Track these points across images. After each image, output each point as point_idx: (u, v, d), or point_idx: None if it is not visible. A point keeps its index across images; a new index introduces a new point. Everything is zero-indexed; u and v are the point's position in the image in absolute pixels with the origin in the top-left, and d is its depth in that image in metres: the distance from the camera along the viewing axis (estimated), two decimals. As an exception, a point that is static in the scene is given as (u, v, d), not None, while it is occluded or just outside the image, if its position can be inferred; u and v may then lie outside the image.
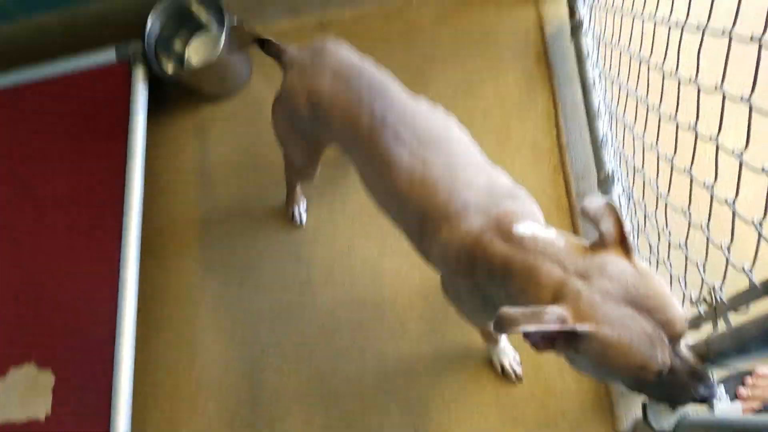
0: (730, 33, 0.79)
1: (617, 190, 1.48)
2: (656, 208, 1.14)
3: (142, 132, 1.82)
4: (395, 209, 1.14)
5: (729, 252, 0.82)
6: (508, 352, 1.48)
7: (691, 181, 0.94)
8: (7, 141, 1.89)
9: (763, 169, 0.70)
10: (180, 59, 2.02)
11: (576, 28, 1.76)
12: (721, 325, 0.88)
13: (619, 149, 1.42)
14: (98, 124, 1.85)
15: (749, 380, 1.35)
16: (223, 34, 1.80)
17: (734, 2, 0.80)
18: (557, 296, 0.78)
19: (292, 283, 1.75)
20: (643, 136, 1.20)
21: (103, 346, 1.54)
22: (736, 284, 0.88)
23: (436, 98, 1.92)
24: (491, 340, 1.43)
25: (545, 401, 1.46)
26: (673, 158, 1.04)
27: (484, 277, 0.94)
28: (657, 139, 1.12)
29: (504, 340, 1.47)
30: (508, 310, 0.74)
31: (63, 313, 1.63)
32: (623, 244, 0.80)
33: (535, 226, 0.92)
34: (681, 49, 0.98)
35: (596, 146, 1.59)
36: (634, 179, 1.33)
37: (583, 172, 1.67)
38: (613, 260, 0.79)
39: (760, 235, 0.70)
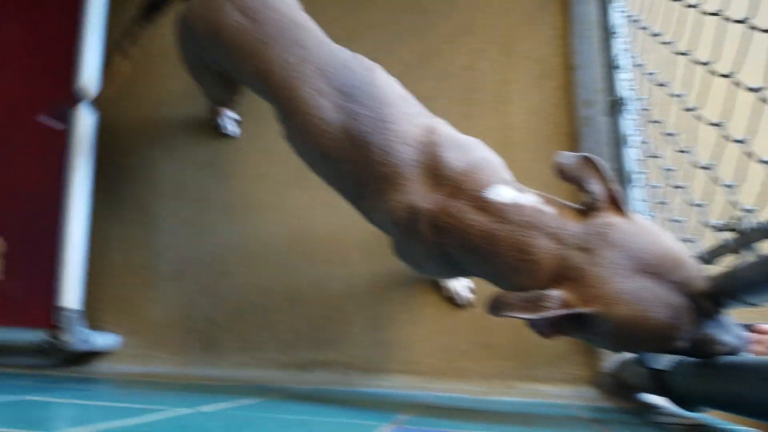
0: None
1: (627, 116, 1.39)
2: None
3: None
4: (324, 169, 0.99)
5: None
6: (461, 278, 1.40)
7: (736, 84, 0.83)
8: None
9: None
10: None
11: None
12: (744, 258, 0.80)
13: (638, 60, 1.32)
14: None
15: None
16: None
17: None
18: (557, 275, 0.70)
19: (265, 180, 1.61)
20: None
21: (53, 214, 1.43)
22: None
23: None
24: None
25: (522, 331, 1.39)
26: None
27: (458, 250, 0.83)
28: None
29: None
30: (505, 297, 0.68)
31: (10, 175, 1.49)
32: (614, 202, 0.73)
33: (510, 191, 0.81)
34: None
35: (609, 68, 1.48)
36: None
37: (590, 97, 1.55)
38: (612, 224, 0.71)
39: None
